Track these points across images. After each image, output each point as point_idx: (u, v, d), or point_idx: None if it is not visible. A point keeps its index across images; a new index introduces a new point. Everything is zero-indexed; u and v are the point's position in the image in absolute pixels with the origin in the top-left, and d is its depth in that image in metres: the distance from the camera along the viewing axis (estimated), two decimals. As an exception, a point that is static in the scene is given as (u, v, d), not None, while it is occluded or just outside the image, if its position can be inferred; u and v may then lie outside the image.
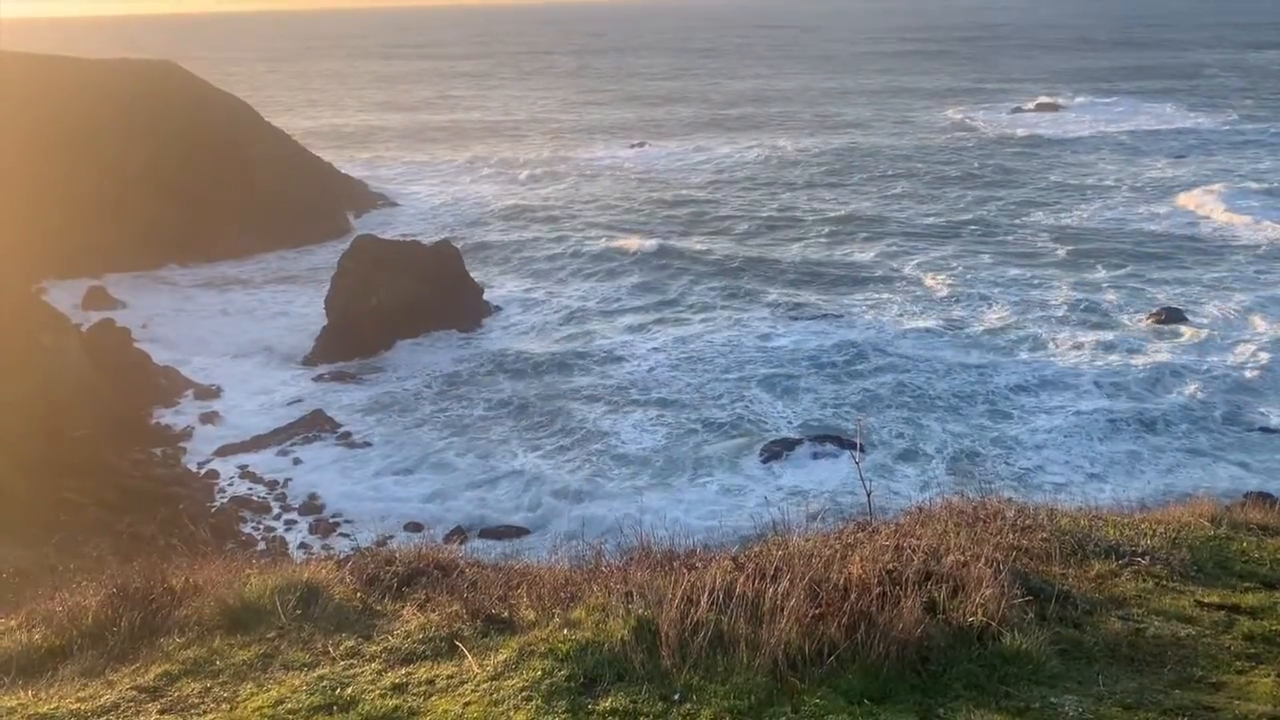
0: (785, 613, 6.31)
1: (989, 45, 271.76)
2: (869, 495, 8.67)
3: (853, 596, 6.49)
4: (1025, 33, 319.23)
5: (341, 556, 9.26)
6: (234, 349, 57.29)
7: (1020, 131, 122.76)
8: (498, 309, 62.36)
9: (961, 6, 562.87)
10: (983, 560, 7.14)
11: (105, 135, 75.00)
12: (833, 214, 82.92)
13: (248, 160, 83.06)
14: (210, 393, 50.24)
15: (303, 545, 35.77)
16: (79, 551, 7.92)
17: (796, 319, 57.41)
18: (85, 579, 7.86)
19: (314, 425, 45.93)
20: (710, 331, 55.96)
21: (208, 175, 78.27)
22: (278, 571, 7.96)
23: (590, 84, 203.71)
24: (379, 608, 7.56)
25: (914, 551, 7.27)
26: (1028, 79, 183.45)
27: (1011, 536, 8.30)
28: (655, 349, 53.97)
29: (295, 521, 38.38)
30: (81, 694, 6.44)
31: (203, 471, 42.36)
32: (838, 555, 7.19)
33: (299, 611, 7.30)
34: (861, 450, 38.80)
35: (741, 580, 6.72)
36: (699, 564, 7.41)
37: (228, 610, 7.31)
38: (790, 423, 44.21)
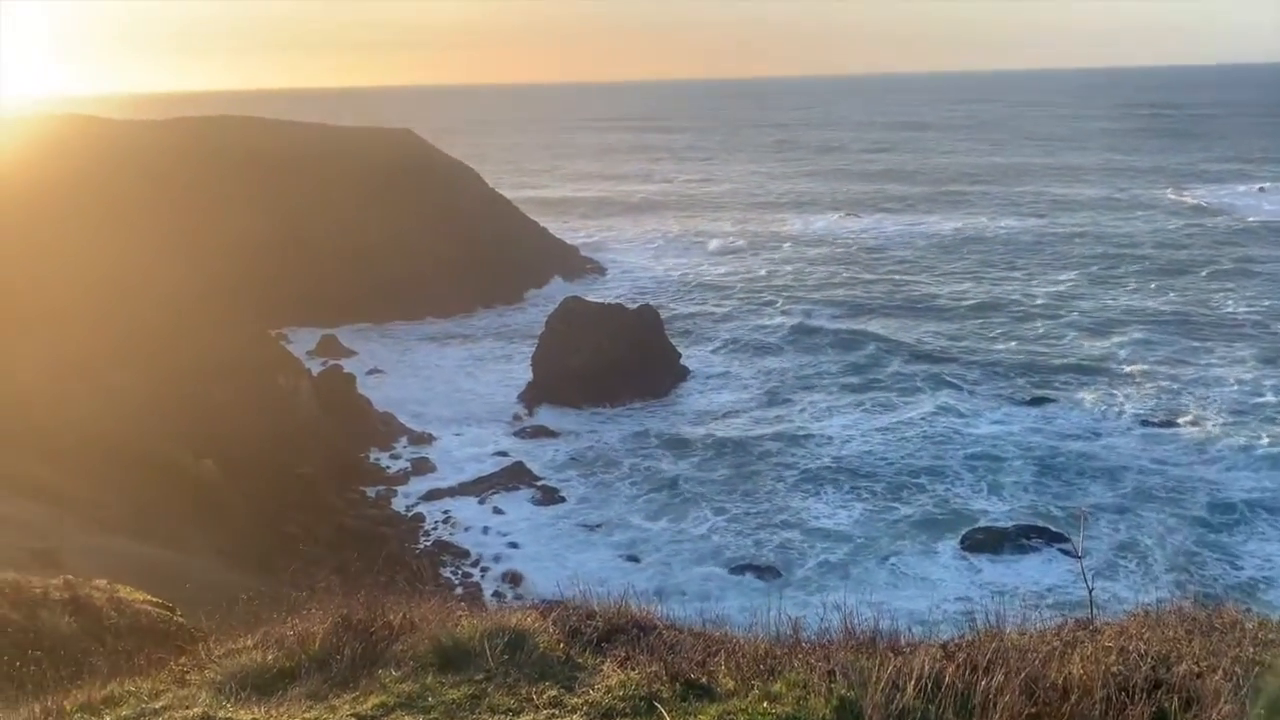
0: (998, 709, 6.00)
1: (1228, 122, 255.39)
2: (1090, 591, 8.18)
3: (1073, 699, 6.10)
4: (1272, 110, 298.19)
5: (543, 606, 9.50)
6: (446, 399, 60.29)
7: (1264, 217, 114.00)
8: (695, 374, 62.95)
9: (1196, 81, 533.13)
10: (1220, 673, 6.58)
11: (344, 196, 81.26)
12: (1045, 297, 79.36)
13: (469, 222, 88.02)
14: (422, 439, 52.90)
15: (496, 593, 36.88)
16: (308, 582, 8.53)
17: (1003, 404, 55.07)
18: (314, 607, 8.40)
19: (514, 477, 47.50)
20: (910, 411, 54.44)
21: (433, 235, 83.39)
22: (487, 616, 8.25)
23: (795, 156, 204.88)
24: (580, 660, 7.69)
25: (1141, 657, 6.79)
26: (1269, 159, 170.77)
27: (1252, 650, 7.61)
28: (852, 424, 52.97)
29: (489, 569, 39.65)
30: (306, 715, 6.86)
31: (410, 514, 44.51)
32: (1056, 653, 6.80)
33: (506, 656, 7.52)
34: (1079, 545, 36.43)
35: (951, 670, 6.44)
36: (905, 649, 7.17)
37: (440, 649, 7.62)
38: (994, 511, 42.23)
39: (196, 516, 35.44)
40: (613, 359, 58.24)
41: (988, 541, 39.18)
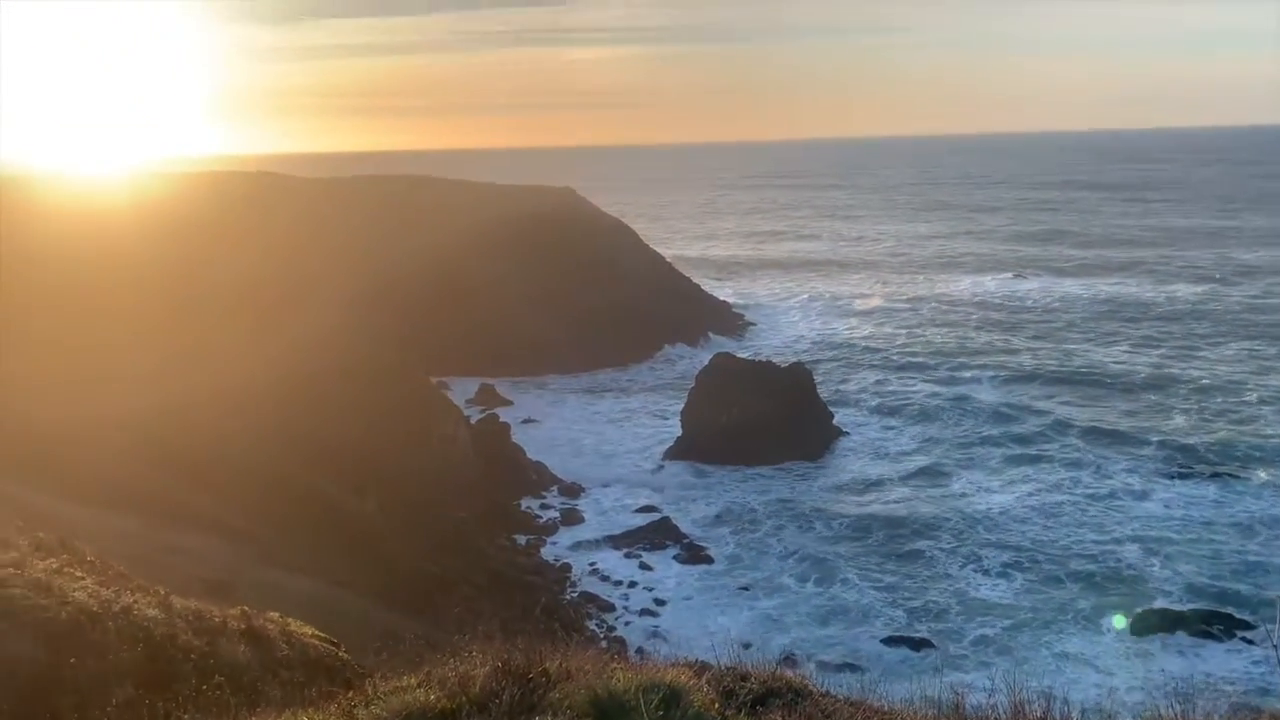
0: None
1: None
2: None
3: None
4: None
5: (697, 664, 9.43)
6: (597, 452, 61.05)
7: None
8: (847, 435, 61.76)
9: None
10: None
11: (506, 252, 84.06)
12: (1225, 369, 74.18)
13: (624, 278, 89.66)
14: (572, 490, 53.64)
15: (640, 649, 36.71)
16: (469, 625, 8.72)
17: (1178, 481, 51.70)
18: (474, 650, 8.59)
19: (661, 533, 47.49)
20: (1074, 480, 51.82)
21: (589, 290, 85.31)
22: (642, 670, 8.26)
23: (958, 216, 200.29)
24: (736, 722, 7.60)
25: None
26: None
27: None
28: (1010, 491, 50.82)
29: (633, 623, 39.60)
30: (466, 757, 7.00)
31: (558, 564, 45.02)
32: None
33: (661, 712, 7.49)
34: (1277, 634, 33.46)
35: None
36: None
37: (596, 700, 7.65)
38: (1169, 593, 39.56)
39: (355, 555, 36.78)
40: (763, 417, 57.79)
41: (1162, 625, 36.66)
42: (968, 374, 74.86)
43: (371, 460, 44.37)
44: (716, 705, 7.94)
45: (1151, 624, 36.66)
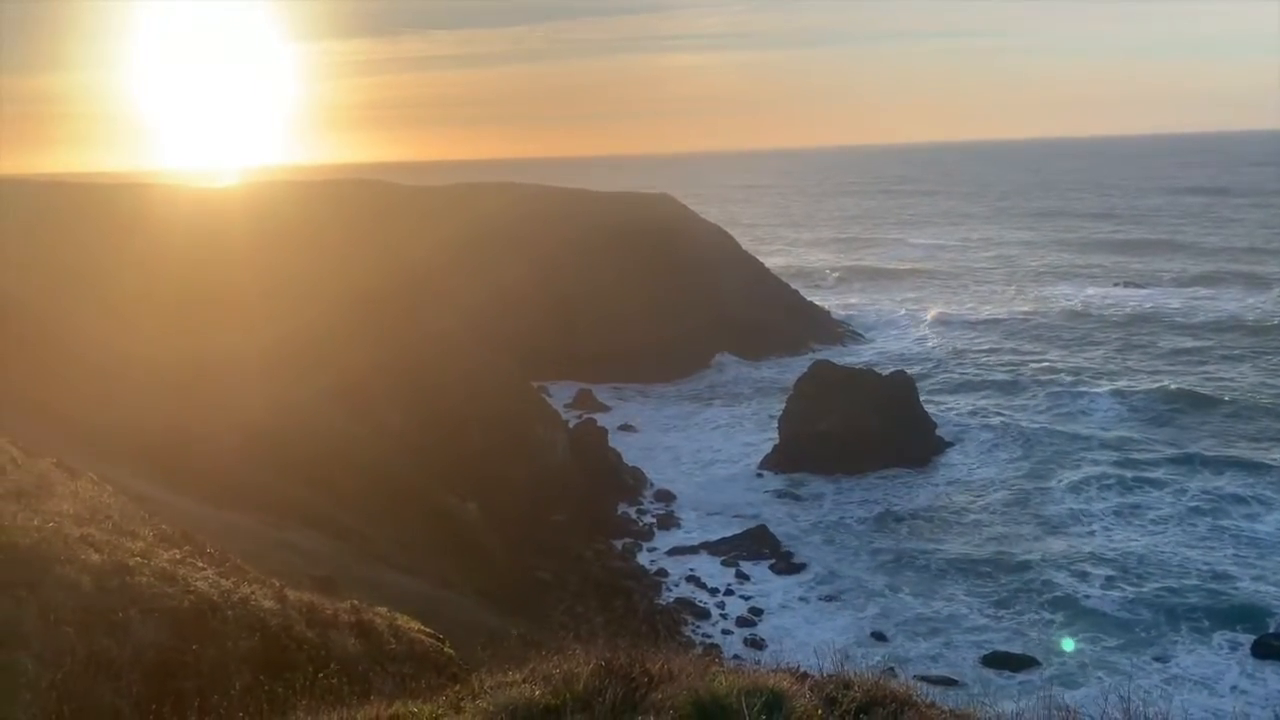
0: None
1: None
2: None
3: None
4: None
5: (798, 671, 9.38)
6: (694, 458, 61.01)
7: None
8: (950, 445, 60.42)
9: None
10: None
11: (604, 259, 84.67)
12: None
13: (724, 285, 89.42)
14: (669, 496, 53.71)
15: (735, 656, 36.50)
16: (572, 626, 8.86)
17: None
18: (578, 649, 8.70)
19: (757, 541, 47.20)
20: (1187, 495, 49.73)
21: (688, 296, 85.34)
22: (744, 674, 8.25)
23: (1063, 223, 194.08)
24: (838, 730, 7.53)
25: None
26: None
27: None
28: (1121, 510, 49.01)
29: (731, 632, 39.41)
30: (570, 752, 7.09)
31: (654, 569, 45.11)
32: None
33: (763, 717, 7.48)
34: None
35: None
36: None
37: (698, 701, 7.67)
38: (1291, 615, 37.68)
39: (457, 555, 37.50)
40: (862, 425, 56.98)
41: (1282, 646, 35.03)
42: (1077, 381, 72.52)
43: (471, 463, 45.22)
44: (820, 712, 7.89)
45: (1273, 647, 34.98)
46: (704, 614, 40.85)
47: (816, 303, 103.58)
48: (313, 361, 43.02)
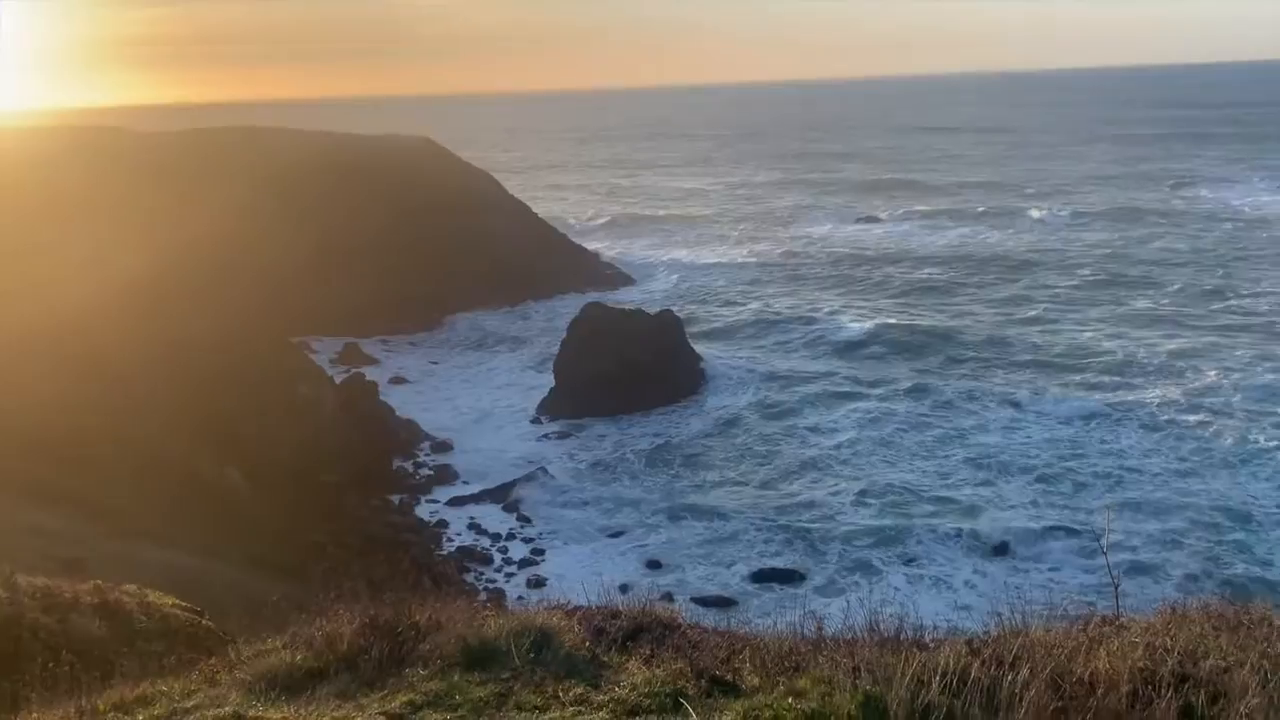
0: (1024, 703, 6.00)
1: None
2: (1116, 587, 8.14)
3: (1099, 693, 6.09)
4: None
5: (570, 606, 9.56)
6: (469, 407, 60.53)
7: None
8: (715, 379, 62.81)
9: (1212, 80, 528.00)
10: (1247, 667, 6.54)
11: (362, 204, 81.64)
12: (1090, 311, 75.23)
13: (489, 229, 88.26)
14: (445, 447, 53.11)
15: (519, 598, 36.88)
16: (335, 586, 8.55)
17: (1028, 409, 54.59)
18: (341, 609, 8.49)
19: (537, 484, 47.58)
20: (932, 413, 54.17)
21: (453, 242, 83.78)
22: (513, 616, 8.32)
23: (822, 164, 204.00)
24: (606, 659, 7.74)
25: (1167, 652, 6.75)
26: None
27: (1280, 646, 7.54)
28: (870, 426, 52.78)
29: (514, 574, 39.76)
30: (336, 714, 6.93)
31: (434, 521, 44.68)
32: (1083, 648, 6.78)
33: (532, 655, 7.58)
34: (1105, 542, 36.20)
35: (977, 666, 6.43)
36: (930, 645, 7.17)
37: (467, 648, 7.68)
38: (1017, 510, 42.09)
39: (223, 524, 35.72)
40: (634, 364, 58.24)
41: (1009, 540, 39.15)
42: (832, 310, 76.96)
43: (234, 427, 42.95)
44: (588, 644, 8.08)
45: (1002, 541, 39.04)
46: (486, 560, 40.96)
47: (585, 246, 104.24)
48: (54, 325, 39.48)
